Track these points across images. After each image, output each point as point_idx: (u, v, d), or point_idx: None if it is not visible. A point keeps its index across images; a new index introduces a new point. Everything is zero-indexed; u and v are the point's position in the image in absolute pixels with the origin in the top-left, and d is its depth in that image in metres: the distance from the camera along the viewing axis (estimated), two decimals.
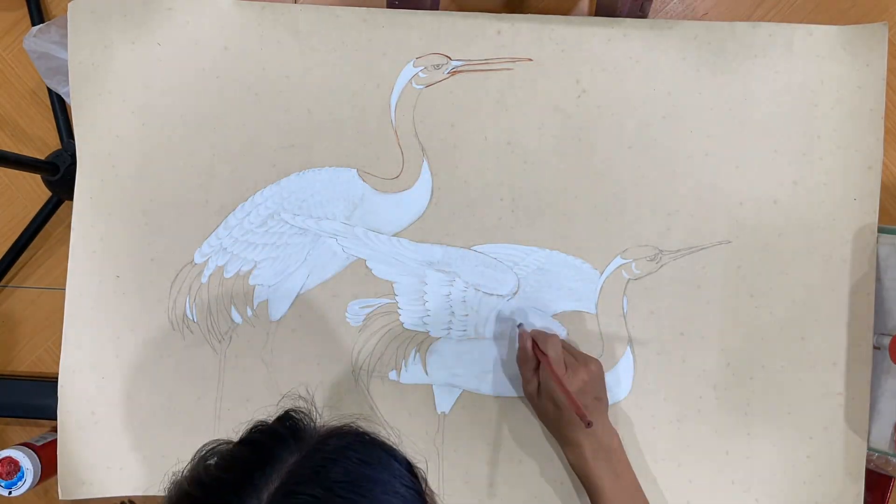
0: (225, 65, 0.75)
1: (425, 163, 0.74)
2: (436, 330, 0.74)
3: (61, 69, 0.76)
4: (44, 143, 0.84)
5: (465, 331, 0.74)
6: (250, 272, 0.75)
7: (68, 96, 0.76)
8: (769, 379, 0.72)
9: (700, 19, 0.77)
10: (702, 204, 0.73)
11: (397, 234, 0.74)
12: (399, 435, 0.72)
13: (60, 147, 0.82)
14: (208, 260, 0.75)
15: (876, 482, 0.73)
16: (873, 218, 0.72)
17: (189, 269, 0.75)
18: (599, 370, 0.68)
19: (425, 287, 0.74)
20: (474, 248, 0.74)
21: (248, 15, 0.75)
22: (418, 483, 0.46)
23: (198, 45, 0.75)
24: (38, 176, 0.82)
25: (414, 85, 0.74)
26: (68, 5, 0.74)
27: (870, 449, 0.71)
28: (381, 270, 0.74)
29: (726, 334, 0.73)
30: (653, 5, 0.74)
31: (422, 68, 0.74)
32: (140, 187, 0.75)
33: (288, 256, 0.74)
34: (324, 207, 0.74)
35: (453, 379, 0.73)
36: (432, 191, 0.74)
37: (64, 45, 0.75)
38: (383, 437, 0.47)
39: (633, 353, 0.73)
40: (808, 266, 0.73)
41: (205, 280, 0.75)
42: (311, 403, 0.49)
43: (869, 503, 0.73)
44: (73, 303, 0.75)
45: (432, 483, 0.73)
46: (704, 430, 0.73)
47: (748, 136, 0.73)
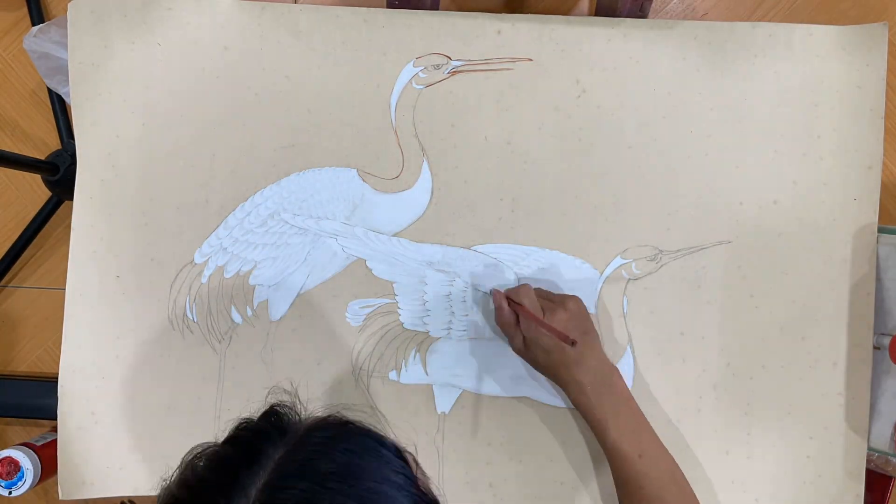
0: (225, 65, 0.75)
1: (425, 163, 0.74)
2: (436, 330, 0.74)
3: (61, 69, 0.76)
4: (44, 143, 0.84)
5: (465, 331, 0.74)
6: (250, 272, 0.75)
7: (68, 96, 0.76)
8: (769, 379, 0.72)
9: (700, 19, 0.77)
10: (702, 204, 0.73)
11: (397, 234, 0.74)
12: (387, 423, 0.72)
13: (60, 147, 0.82)
14: (208, 260, 0.75)
15: (876, 482, 0.73)
16: (873, 218, 0.72)
17: (189, 269, 0.75)
18: (579, 306, 0.67)
19: (425, 287, 0.74)
20: (474, 248, 0.74)
21: (248, 15, 0.75)
22: (409, 468, 0.45)
23: (198, 45, 0.75)
24: (38, 176, 0.82)
25: (414, 85, 0.74)
26: (68, 5, 0.74)
27: (870, 449, 0.71)
28: (381, 270, 0.74)
29: (726, 334, 0.73)
30: (653, 5, 0.74)
31: (422, 68, 0.74)
32: (140, 187, 0.75)
33: (288, 256, 0.74)
34: (324, 207, 0.74)
35: (453, 379, 0.73)
36: (432, 191, 0.74)
37: (64, 45, 0.75)
38: (369, 424, 0.47)
39: (633, 353, 0.73)
40: (808, 266, 0.73)
41: (205, 280, 0.75)
42: (295, 396, 0.49)
43: (869, 503, 0.73)
44: (73, 303, 0.75)
45: (432, 484, 0.73)
46: (704, 430, 0.73)
47: (748, 137, 0.73)
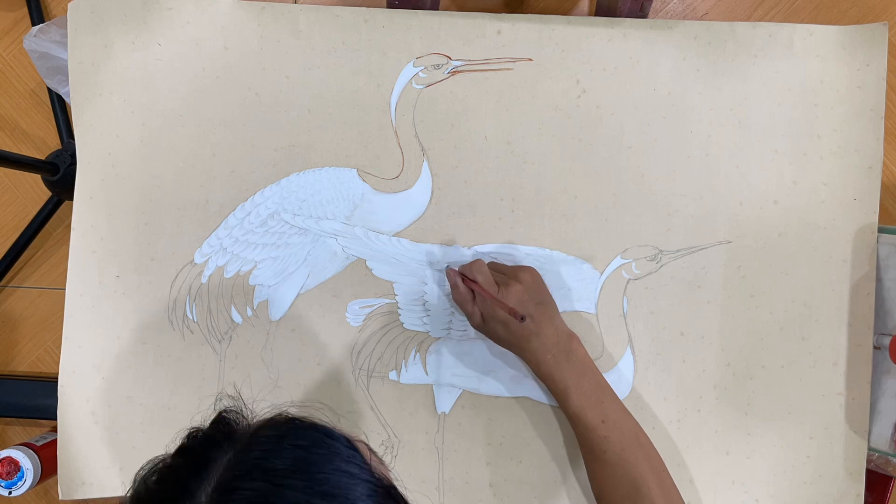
0: (225, 65, 0.75)
1: (425, 163, 0.74)
2: (436, 330, 0.74)
3: (61, 69, 0.76)
4: (44, 143, 0.84)
5: (465, 331, 0.74)
6: (250, 272, 0.75)
7: (68, 96, 0.76)
8: (769, 379, 0.72)
9: (700, 19, 0.77)
10: (702, 204, 0.73)
11: (397, 234, 0.74)
12: (386, 423, 0.72)
13: (60, 147, 0.82)
14: (208, 260, 0.75)
15: (876, 482, 0.73)
16: (873, 218, 0.72)
17: (189, 269, 0.75)
18: (533, 277, 0.67)
19: (425, 287, 0.74)
20: (474, 248, 0.74)
21: (248, 15, 0.75)
22: (361, 456, 0.45)
23: (198, 45, 0.75)
24: (38, 176, 0.82)
25: (414, 85, 0.74)
26: (68, 5, 0.74)
27: (870, 449, 0.71)
28: (381, 270, 0.74)
29: (726, 334, 0.73)
30: (653, 5, 0.74)
31: (422, 68, 0.74)
32: (140, 187, 0.75)
33: (288, 256, 0.74)
34: (324, 207, 0.74)
35: (453, 379, 0.73)
36: (432, 191, 0.74)
37: (64, 45, 0.75)
38: (316, 418, 0.47)
39: (633, 353, 0.73)
40: (808, 266, 0.73)
41: (205, 280, 0.75)
42: (240, 400, 0.50)
43: (869, 503, 0.73)
44: (73, 303, 0.75)
45: (433, 483, 0.73)
46: (704, 430, 0.73)
47: (748, 136, 0.73)
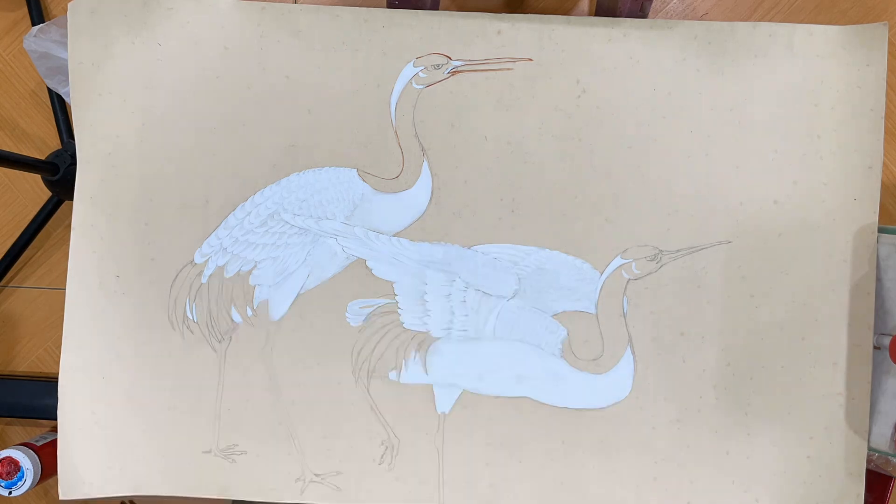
0: (225, 65, 0.75)
1: (425, 163, 0.74)
2: (436, 330, 0.74)
3: (61, 69, 0.76)
4: (44, 143, 0.84)
5: (465, 331, 0.74)
6: (250, 272, 0.75)
7: (68, 96, 0.76)
8: (769, 379, 0.72)
9: (700, 19, 0.77)
10: (702, 204, 0.73)
11: (397, 234, 0.74)
12: (386, 423, 0.72)
13: (60, 147, 0.82)
14: (208, 260, 0.75)
15: (876, 482, 0.73)
16: (873, 218, 0.72)
17: (189, 269, 0.75)
18: None
19: (425, 287, 0.74)
20: (474, 248, 0.74)
21: (248, 15, 0.75)
22: None
23: (198, 45, 0.75)
24: (38, 176, 0.82)
25: (414, 85, 0.74)
26: (68, 5, 0.74)
27: (870, 449, 0.71)
28: (381, 270, 0.74)
29: (726, 334, 0.73)
30: (653, 5, 0.74)
31: (422, 68, 0.74)
32: (140, 187, 0.75)
33: (288, 256, 0.74)
34: (324, 207, 0.74)
35: (453, 379, 0.73)
36: (432, 191, 0.74)
37: (64, 45, 0.75)
38: None
39: (633, 353, 0.73)
40: (808, 266, 0.73)
41: (205, 280, 0.75)
42: None
43: (869, 503, 0.73)
44: (73, 303, 0.75)
45: (433, 483, 0.73)
46: (704, 430, 0.73)
47: (748, 136, 0.73)
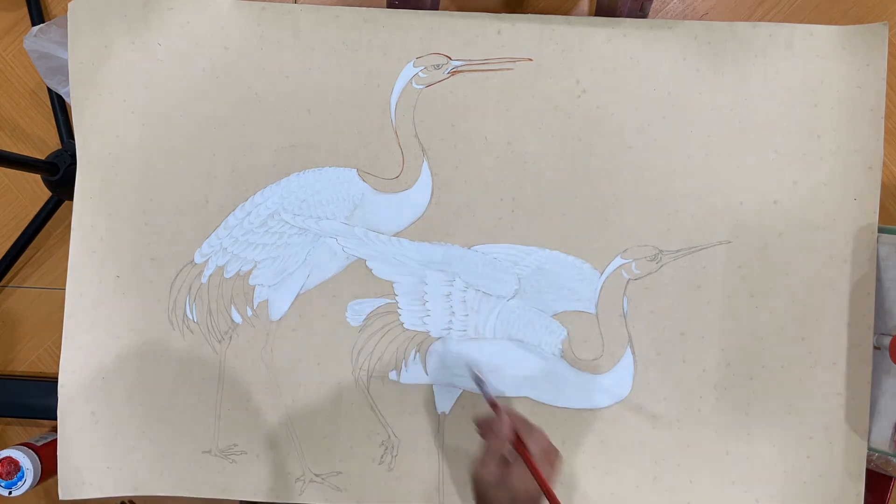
0: (225, 65, 0.75)
1: (425, 163, 0.74)
2: (436, 330, 0.74)
3: (61, 69, 0.76)
4: (44, 143, 0.84)
5: (465, 331, 0.74)
6: (250, 272, 0.75)
7: (68, 96, 0.76)
8: (769, 379, 0.72)
9: (700, 19, 0.77)
10: (702, 204, 0.73)
11: (397, 234, 0.74)
12: (386, 423, 0.72)
13: (60, 147, 0.82)
14: (208, 260, 0.75)
15: (876, 482, 0.73)
16: (873, 218, 0.72)
17: (189, 269, 0.75)
18: (558, 459, 0.58)
19: (425, 287, 0.74)
20: (474, 248, 0.74)
21: (248, 15, 0.75)
22: None
23: (198, 45, 0.75)
24: (38, 176, 0.82)
25: (414, 85, 0.74)
26: (68, 5, 0.74)
27: (870, 449, 0.71)
28: (381, 270, 0.74)
29: (726, 334, 0.73)
30: (653, 5, 0.74)
31: (422, 68, 0.74)
32: (140, 187, 0.75)
33: (288, 256, 0.74)
34: (324, 207, 0.74)
35: (453, 379, 0.73)
36: (432, 191, 0.74)
37: (64, 45, 0.75)
38: None
39: (633, 353, 0.73)
40: (808, 266, 0.73)
41: (205, 280, 0.75)
42: None
43: (869, 503, 0.73)
44: (73, 303, 0.75)
45: (433, 483, 0.73)
46: (704, 430, 0.73)
47: (748, 136, 0.73)
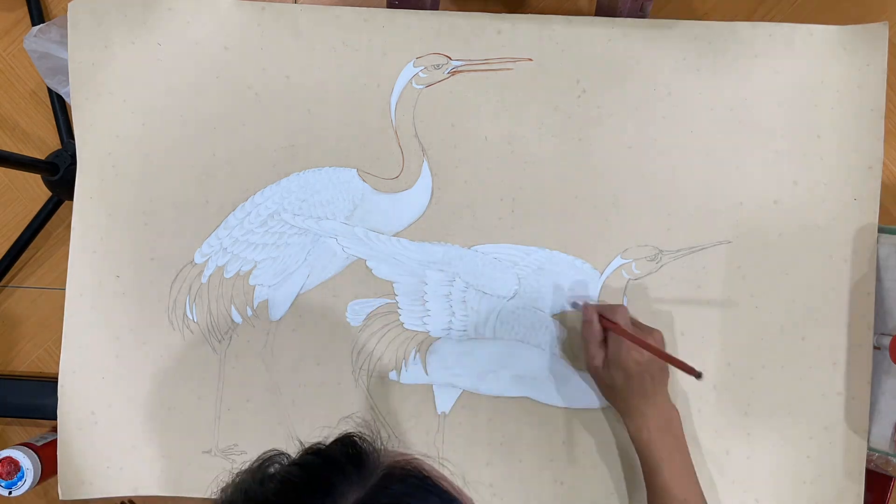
0: (225, 65, 0.75)
1: (425, 163, 0.74)
2: (436, 330, 0.74)
3: (61, 69, 0.76)
4: (44, 143, 0.84)
5: (465, 331, 0.74)
6: (250, 272, 0.75)
7: (68, 96, 0.76)
8: (769, 379, 0.72)
9: (700, 19, 0.77)
10: (702, 204, 0.73)
11: (397, 234, 0.74)
12: (386, 424, 0.72)
13: (60, 147, 0.82)
14: (208, 260, 0.75)
15: (876, 482, 0.73)
16: (873, 218, 0.72)
17: (189, 269, 0.75)
18: (662, 341, 0.67)
19: (425, 287, 0.74)
20: (474, 248, 0.74)
21: (248, 15, 0.75)
22: None
23: (198, 45, 0.75)
24: (38, 176, 0.82)
25: (414, 85, 0.74)
26: (68, 5, 0.74)
27: (870, 449, 0.71)
28: (381, 270, 0.74)
29: (726, 334, 0.73)
30: (653, 5, 0.74)
31: (422, 68, 0.74)
32: (140, 187, 0.75)
33: (288, 256, 0.74)
34: (324, 207, 0.74)
35: (453, 379, 0.73)
36: (432, 191, 0.74)
37: (64, 45, 0.75)
38: (448, 486, 0.44)
39: None
40: (808, 266, 0.73)
41: (205, 280, 0.75)
42: (375, 431, 0.46)
43: (869, 503, 0.73)
44: (73, 303, 0.75)
45: None
46: (704, 430, 0.72)
47: (748, 136, 0.73)
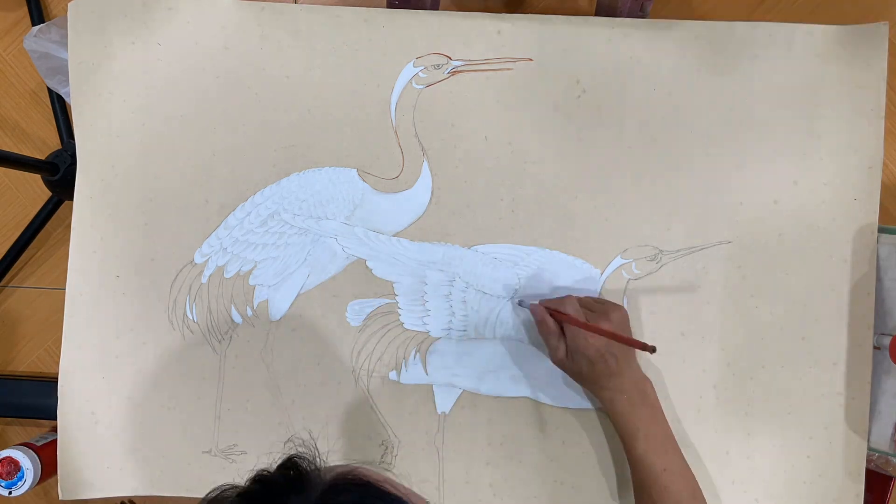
0: (225, 65, 0.75)
1: (425, 163, 0.74)
2: (436, 330, 0.74)
3: (61, 69, 0.76)
4: (44, 143, 0.84)
5: (465, 331, 0.74)
6: (250, 272, 0.75)
7: (68, 96, 0.76)
8: (769, 379, 0.72)
9: (700, 19, 0.77)
10: (702, 204, 0.73)
11: (397, 234, 0.74)
12: (386, 424, 0.72)
13: (60, 147, 0.82)
14: (208, 260, 0.75)
15: (876, 482, 0.73)
16: (873, 218, 0.72)
17: (189, 269, 0.75)
18: (622, 316, 0.67)
19: (425, 287, 0.74)
20: (474, 248, 0.74)
21: (248, 15, 0.75)
22: None
23: (198, 45, 0.75)
24: (38, 176, 0.82)
25: (414, 85, 0.74)
26: (68, 5, 0.74)
27: (870, 449, 0.71)
28: (381, 270, 0.74)
29: (726, 334, 0.73)
30: (653, 5, 0.74)
31: (422, 68, 0.74)
32: (140, 187, 0.75)
33: (288, 256, 0.74)
34: (324, 207, 0.74)
35: (453, 379, 0.73)
36: (432, 191, 0.74)
37: (64, 45, 0.75)
38: (391, 489, 0.44)
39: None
40: (808, 266, 0.73)
41: (205, 280, 0.75)
42: (314, 448, 0.47)
43: (869, 503, 0.73)
44: (73, 303, 0.75)
45: (433, 483, 0.73)
46: (704, 430, 0.72)
47: (748, 136, 0.73)
